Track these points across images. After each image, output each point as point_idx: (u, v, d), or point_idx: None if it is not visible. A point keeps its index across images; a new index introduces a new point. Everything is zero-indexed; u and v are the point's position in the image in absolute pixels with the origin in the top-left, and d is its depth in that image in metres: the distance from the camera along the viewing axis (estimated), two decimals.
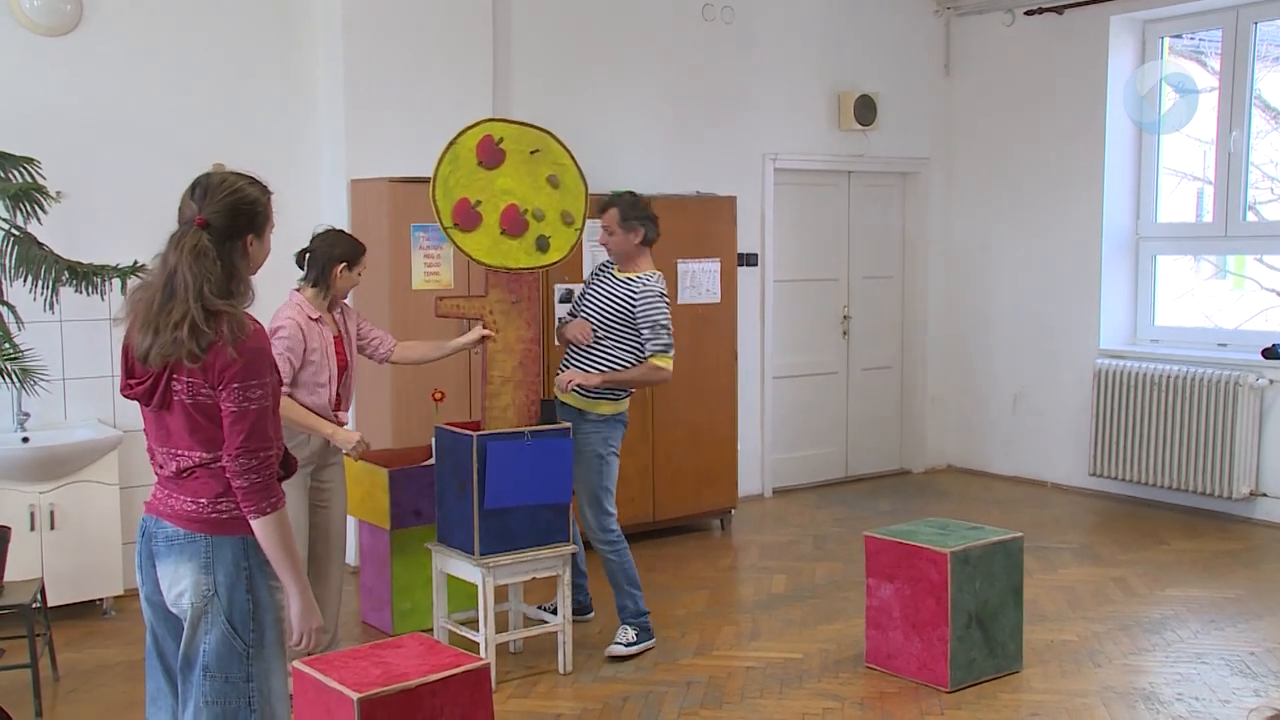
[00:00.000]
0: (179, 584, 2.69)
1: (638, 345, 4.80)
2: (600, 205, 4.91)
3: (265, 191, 2.82)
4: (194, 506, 2.69)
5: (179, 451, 2.70)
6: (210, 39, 5.74)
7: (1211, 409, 6.91)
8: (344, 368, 4.33)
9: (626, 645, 4.78)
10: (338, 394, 4.30)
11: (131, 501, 5.49)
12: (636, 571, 4.93)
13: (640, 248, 4.87)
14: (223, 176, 2.79)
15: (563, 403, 4.89)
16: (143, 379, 2.71)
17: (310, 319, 4.22)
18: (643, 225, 4.85)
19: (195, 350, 2.60)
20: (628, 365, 4.80)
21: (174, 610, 2.73)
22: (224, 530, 2.69)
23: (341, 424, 4.32)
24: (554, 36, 6.74)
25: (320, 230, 4.44)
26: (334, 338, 4.31)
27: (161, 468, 2.76)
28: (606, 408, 4.86)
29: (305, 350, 4.17)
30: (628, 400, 4.96)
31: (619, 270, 4.90)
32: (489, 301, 4.43)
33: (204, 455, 2.69)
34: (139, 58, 5.57)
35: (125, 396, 2.78)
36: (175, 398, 2.67)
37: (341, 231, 4.48)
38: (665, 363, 4.79)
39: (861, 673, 4.61)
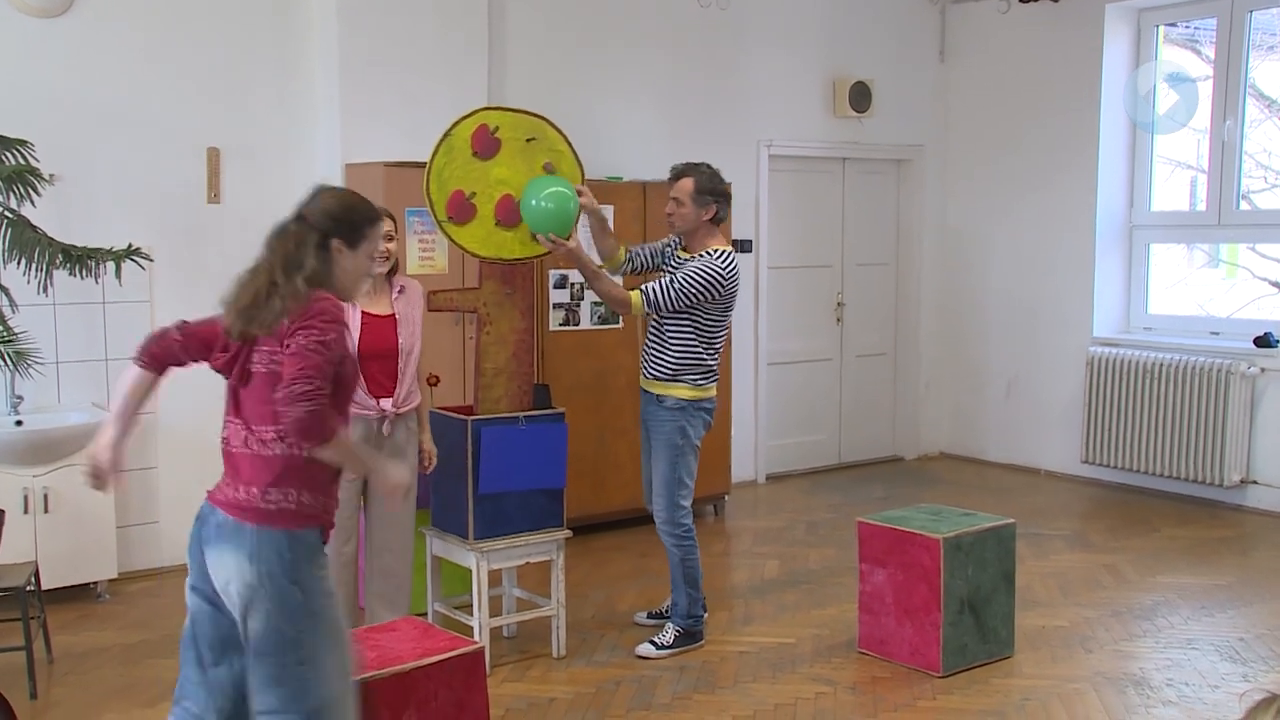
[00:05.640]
0: (226, 571, 2.72)
1: (705, 325, 4.62)
2: (674, 173, 4.71)
3: (370, 209, 2.94)
4: (245, 496, 2.75)
5: (251, 425, 2.79)
6: (205, 21, 5.72)
7: (1204, 397, 6.94)
8: (372, 353, 4.12)
9: (658, 648, 4.64)
10: (368, 379, 4.11)
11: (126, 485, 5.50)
12: (700, 571, 4.77)
13: (709, 225, 4.68)
14: (333, 186, 3.04)
15: (643, 389, 4.76)
16: (227, 351, 2.82)
17: None
18: (716, 203, 4.65)
19: (271, 320, 2.72)
20: (692, 349, 4.62)
21: (223, 597, 2.75)
22: (271, 522, 2.72)
23: (384, 413, 4.17)
24: (549, 21, 6.73)
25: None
26: (374, 317, 4.14)
27: (228, 443, 2.85)
28: (683, 391, 4.64)
29: None
30: (714, 386, 4.75)
31: (683, 250, 4.73)
32: (482, 294, 4.42)
33: (270, 429, 2.76)
34: (133, 40, 5.55)
35: (213, 369, 2.90)
36: (254, 368, 2.78)
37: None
38: (636, 301, 4.54)
39: (854, 658, 4.63)
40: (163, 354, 2.92)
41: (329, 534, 2.86)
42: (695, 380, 4.67)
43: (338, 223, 2.84)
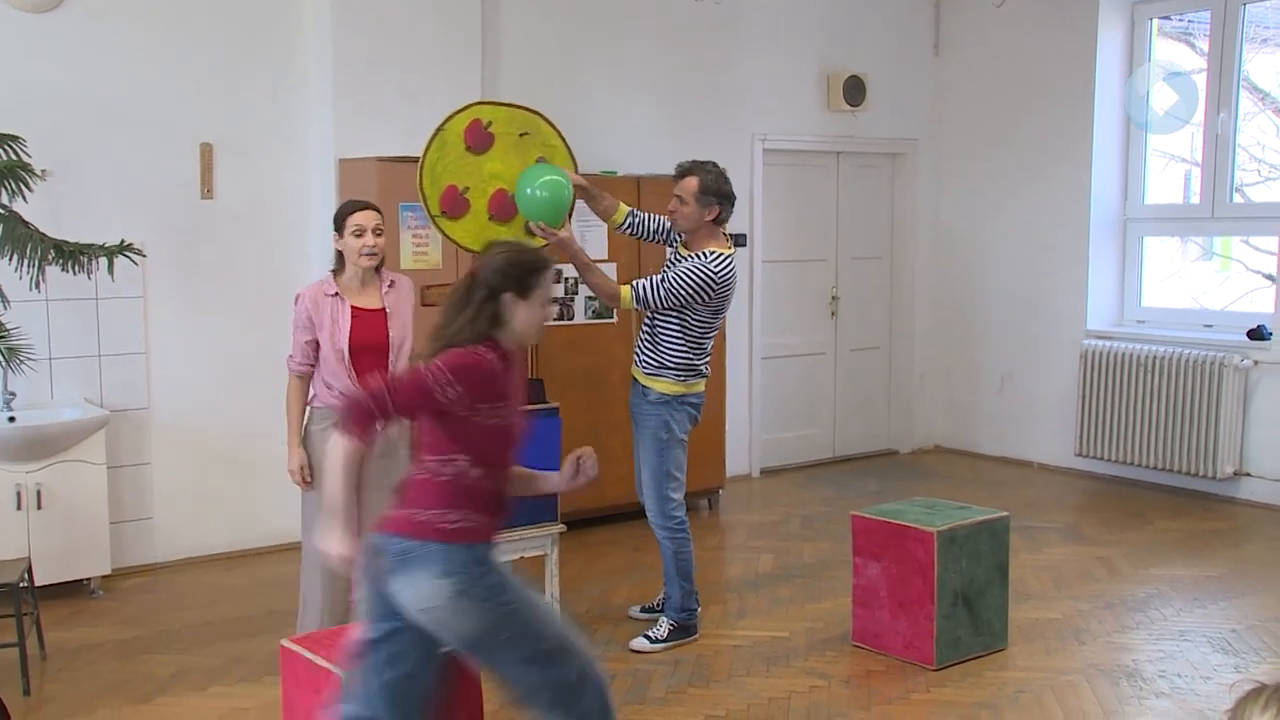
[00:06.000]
0: (419, 594, 2.80)
1: (693, 325, 4.61)
2: (679, 171, 4.68)
3: (537, 259, 3.05)
4: (425, 518, 2.83)
5: (424, 454, 2.90)
6: (198, 17, 5.70)
7: (1197, 390, 6.95)
8: (363, 347, 4.13)
9: (652, 641, 4.65)
10: (360, 373, 4.09)
11: (119, 481, 5.50)
12: (693, 564, 4.78)
13: (711, 226, 4.63)
14: (503, 241, 3.19)
15: (633, 377, 4.76)
16: None
17: (326, 294, 4.16)
18: (720, 204, 4.61)
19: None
20: (679, 347, 4.61)
21: (419, 617, 2.82)
22: (455, 539, 2.83)
23: None
24: (543, 15, 6.72)
25: None
26: (365, 311, 4.16)
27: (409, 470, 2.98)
28: (666, 386, 4.64)
29: (315, 323, 4.14)
30: (700, 383, 4.73)
31: (682, 248, 4.71)
32: None
33: (432, 458, 2.87)
34: (126, 35, 5.54)
35: None
36: None
37: None
38: (625, 296, 4.53)
39: (848, 651, 4.64)
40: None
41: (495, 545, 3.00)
42: (679, 376, 4.66)
43: (506, 277, 2.97)
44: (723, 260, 4.58)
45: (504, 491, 3.00)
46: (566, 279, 6.20)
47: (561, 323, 6.22)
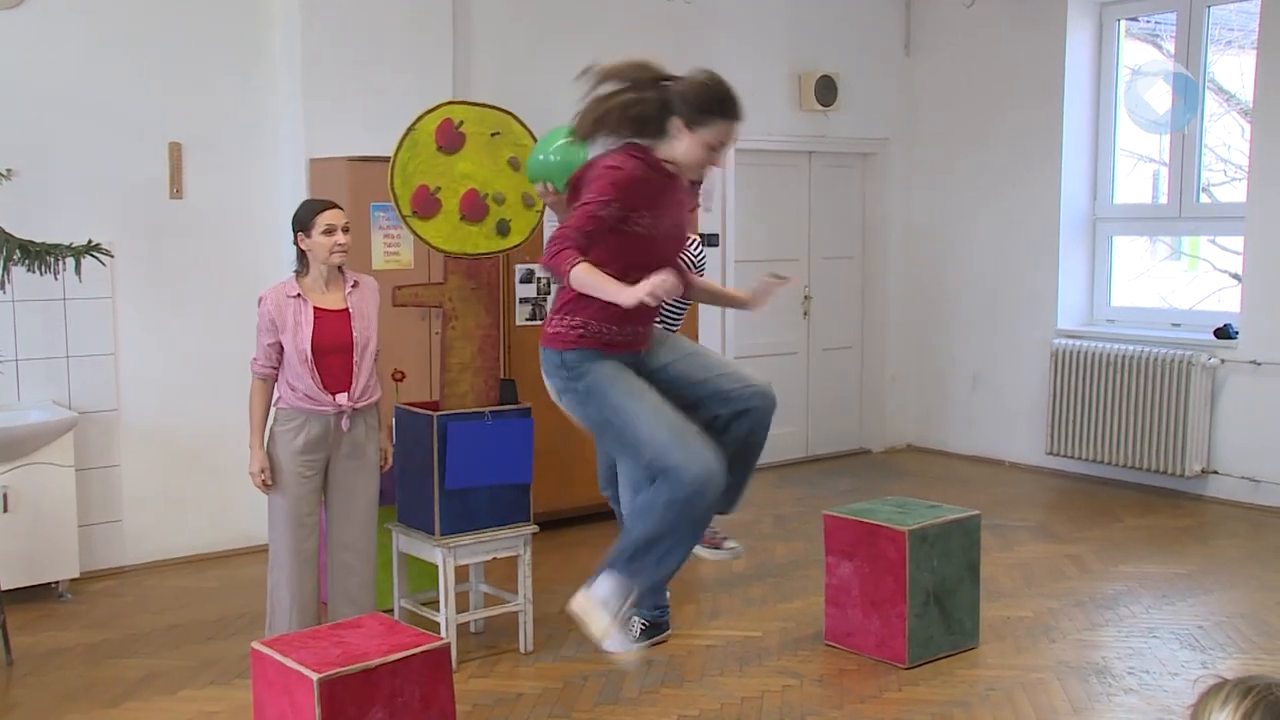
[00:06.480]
0: (551, 391, 3.21)
1: (668, 309, 4.61)
2: None
3: (725, 100, 3.06)
4: (551, 324, 3.19)
5: None
6: (166, 14, 5.66)
7: (1165, 388, 7.01)
8: (326, 348, 4.12)
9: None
10: (324, 375, 4.12)
11: (87, 483, 5.44)
12: None
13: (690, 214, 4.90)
14: (708, 71, 3.17)
15: None
16: None
17: (288, 296, 4.14)
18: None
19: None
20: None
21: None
22: (552, 344, 3.15)
23: (340, 408, 4.15)
24: (515, 14, 6.70)
25: None
26: (327, 312, 4.15)
27: None
28: None
29: (278, 325, 4.11)
30: None
31: None
32: (448, 289, 4.40)
33: None
34: (92, 33, 5.48)
35: None
36: None
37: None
38: None
39: (821, 650, 4.66)
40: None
41: (629, 351, 3.16)
42: None
43: (683, 100, 2.99)
44: (696, 243, 4.72)
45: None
46: (539, 279, 6.19)
47: (534, 323, 6.20)
